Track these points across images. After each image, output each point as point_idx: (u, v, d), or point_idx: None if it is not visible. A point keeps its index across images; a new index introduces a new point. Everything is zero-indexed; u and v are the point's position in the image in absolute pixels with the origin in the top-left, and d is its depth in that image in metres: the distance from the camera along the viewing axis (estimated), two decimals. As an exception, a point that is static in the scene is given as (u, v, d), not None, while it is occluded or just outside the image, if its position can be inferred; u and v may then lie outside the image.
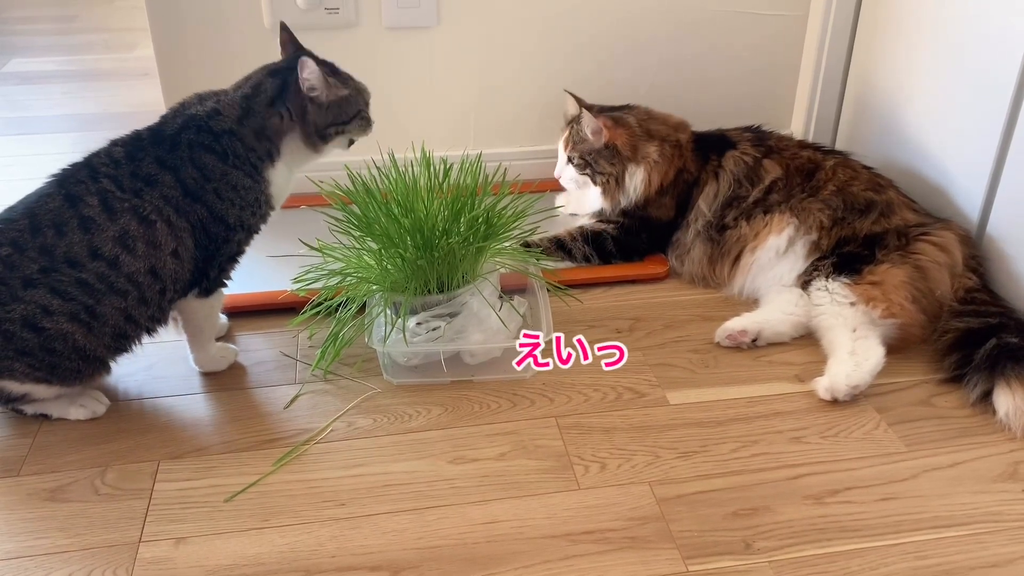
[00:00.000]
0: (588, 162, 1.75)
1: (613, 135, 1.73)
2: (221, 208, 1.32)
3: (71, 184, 1.27)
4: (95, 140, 1.35)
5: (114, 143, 1.32)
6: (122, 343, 1.33)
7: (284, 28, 1.42)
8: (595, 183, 1.76)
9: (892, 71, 1.83)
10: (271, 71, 1.37)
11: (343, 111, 1.39)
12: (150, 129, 1.34)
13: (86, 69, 3.11)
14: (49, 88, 2.94)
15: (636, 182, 1.72)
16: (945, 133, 1.69)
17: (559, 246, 1.73)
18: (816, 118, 2.07)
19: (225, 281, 1.42)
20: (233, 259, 1.40)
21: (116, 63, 3.14)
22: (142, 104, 2.56)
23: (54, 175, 1.30)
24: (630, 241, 1.74)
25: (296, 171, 1.43)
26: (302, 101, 1.35)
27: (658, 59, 2.02)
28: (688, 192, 1.73)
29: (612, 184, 1.74)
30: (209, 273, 1.36)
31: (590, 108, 1.78)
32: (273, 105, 1.35)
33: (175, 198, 1.29)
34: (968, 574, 1.10)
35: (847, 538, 1.15)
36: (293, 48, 1.41)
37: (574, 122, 1.79)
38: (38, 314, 1.24)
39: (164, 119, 1.35)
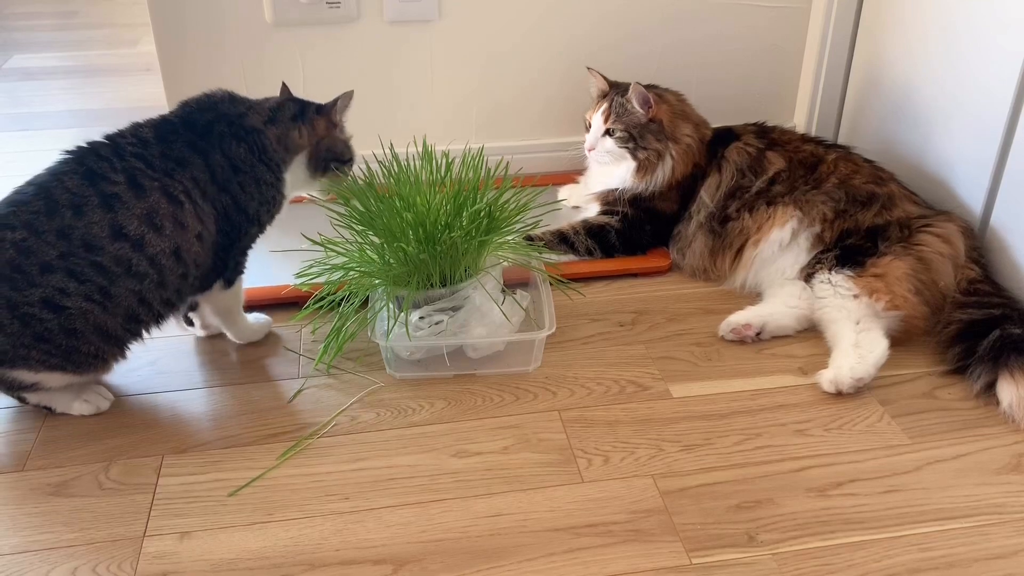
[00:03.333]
0: (633, 136, 1.73)
1: (658, 110, 1.73)
2: (244, 199, 1.37)
3: (92, 161, 1.27)
4: (96, 135, 1.34)
5: (139, 125, 1.34)
6: (135, 327, 1.33)
7: (285, 87, 1.51)
8: (634, 158, 1.74)
9: (895, 63, 1.83)
10: (289, 98, 1.47)
11: (346, 151, 1.48)
12: (179, 116, 1.36)
13: (87, 65, 3.11)
14: (50, 84, 2.94)
15: (666, 168, 1.72)
16: (948, 124, 1.68)
17: (562, 239, 1.73)
18: (819, 110, 2.06)
19: (242, 270, 1.46)
20: (245, 252, 1.44)
21: (118, 58, 3.14)
22: (143, 99, 2.56)
23: (69, 152, 1.29)
24: (634, 234, 1.74)
25: (291, 192, 1.47)
26: (325, 124, 1.45)
27: (661, 52, 2.01)
28: (693, 185, 1.73)
29: (655, 163, 1.72)
30: (228, 263, 1.40)
31: (615, 84, 1.79)
32: (295, 120, 1.43)
33: (204, 182, 1.32)
34: (972, 566, 1.10)
35: (851, 530, 1.15)
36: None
37: (615, 95, 1.76)
38: (57, 296, 1.23)
39: (190, 107, 1.38)
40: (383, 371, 1.45)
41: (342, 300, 1.43)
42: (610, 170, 1.78)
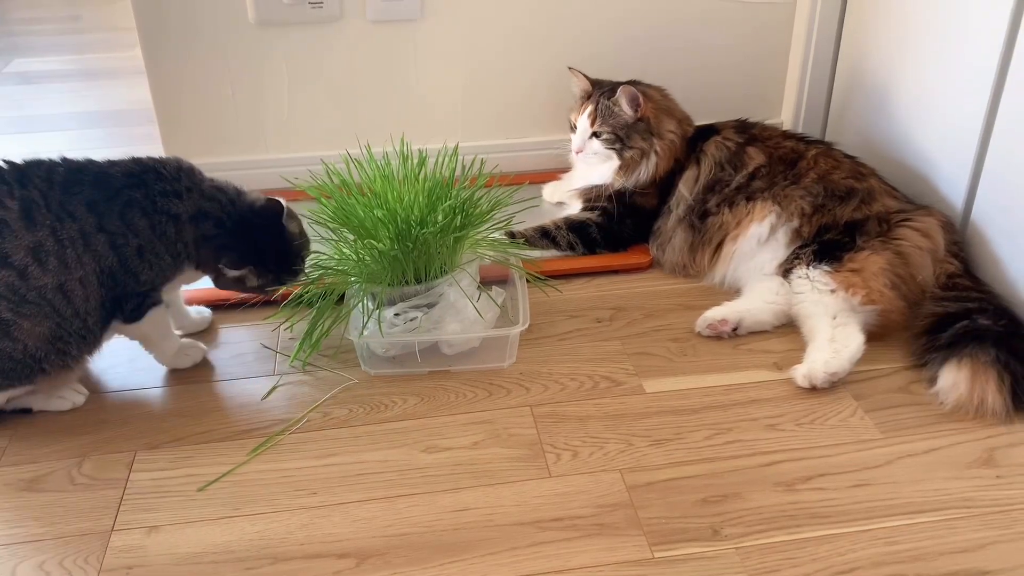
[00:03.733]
0: (620, 136, 1.73)
1: (645, 108, 1.73)
2: (137, 265, 1.32)
3: None
4: (95, 137, 1.35)
5: (57, 164, 1.30)
6: (64, 347, 1.30)
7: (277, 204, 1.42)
8: (620, 158, 1.74)
9: (879, 60, 1.82)
10: (221, 223, 1.37)
11: (249, 289, 1.44)
12: (98, 173, 1.31)
13: (87, 68, 3.15)
14: (50, 87, 2.97)
15: (650, 165, 1.72)
16: (930, 120, 1.68)
17: (544, 235, 1.73)
18: (805, 107, 2.06)
19: (145, 310, 1.38)
20: (141, 299, 1.37)
21: (116, 61, 3.17)
22: (140, 100, 2.57)
23: None
24: (614, 229, 1.74)
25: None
26: (216, 269, 1.40)
27: (647, 49, 2.01)
28: (671, 179, 1.73)
29: (637, 159, 1.73)
30: (123, 307, 1.35)
31: (597, 82, 1.79)
32: (212, 240, 1.37)
33: (90, 237, 1.27)
34: (937, 559, 1.09)
35: (817, 524, 1.14)
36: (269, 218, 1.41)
37: (600, 96, 1.76)
38: None
39: (119, 168, 1.33)
40: (358, 368, 1.46)
41: (319, 297, 1.44)
42: (595, 168, 1.78)
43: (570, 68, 1.83)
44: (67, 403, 1.37)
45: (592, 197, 1.77)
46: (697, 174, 1.70)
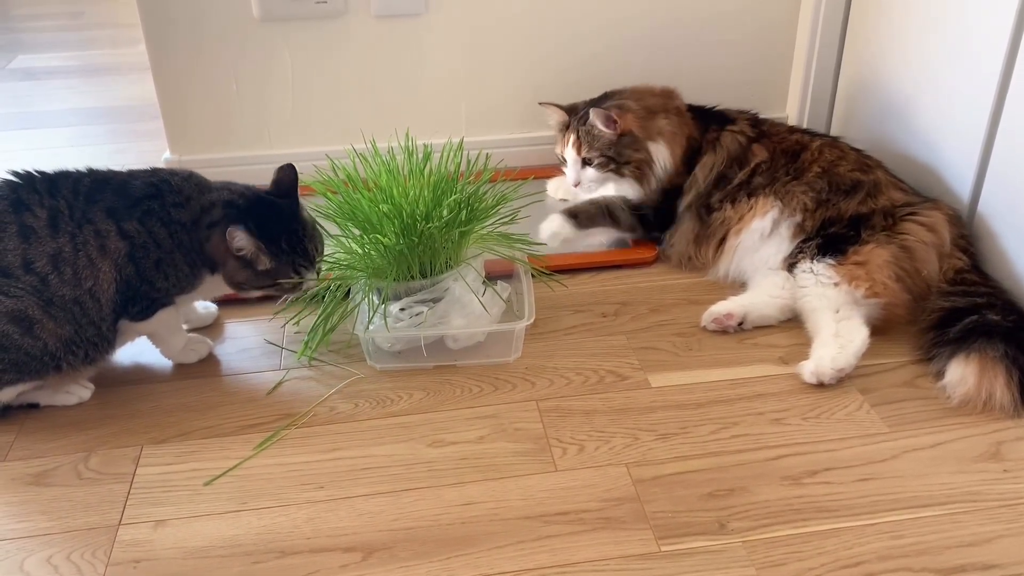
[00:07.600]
0: (610, 157, 1.72)
1: (625, 121, 1.71)
2: (154, 275, 1.34)
3: (25, 192, 1.28)
4: (98, 133, 1.36)
5: (84, 175, 1.33)
6: (76, 350, 1.32)
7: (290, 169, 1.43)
8: (623, 175, 1.73)
9: (884, 53, 1.82)
10: (231, 203, 1.37)
11: (262, 278, 1.40)
12: (122, 182, 1.35)
13: (90, 64, 3.15)
14: (53, 83, 2.97)
15: (663, 158, 1.71)
16: (936, 113, 1.67)
17: (608, 212, 1.72)
18: (811, 102, 2.05)
19: (154, 310, 1.38)
20: (156, 302, 1.39)
21: (119, 58, 3.18)
22: (143, 96, 2.58)
23: (16, 175, 1.30)
24: (664, 208, 1.73)
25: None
26: (225, 256, 1.37)
27: (651, 44, 2.01)
28: (694, 156, 1.73)
29: (645, 169, 1.72)
30: (130, 310, 1.36)
31: (573, 109, 1.78)
32: (211, 227, 1.36)
33: (108, 240, 1.30)
34: (943, 553, 1.09)
35: (823, 518, 1.14)
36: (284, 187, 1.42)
37: (578, 124, 1.75)
38: None
39: (140, 179, 1.35)
40: (364, 363, 1.46)
41: (325, 292, 1.44)
42: (606, 189, 1.78)
43: (541, 103, 1.83)
44: (74, 398, 1.38)
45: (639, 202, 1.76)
46: (713, 162, 1.69)
